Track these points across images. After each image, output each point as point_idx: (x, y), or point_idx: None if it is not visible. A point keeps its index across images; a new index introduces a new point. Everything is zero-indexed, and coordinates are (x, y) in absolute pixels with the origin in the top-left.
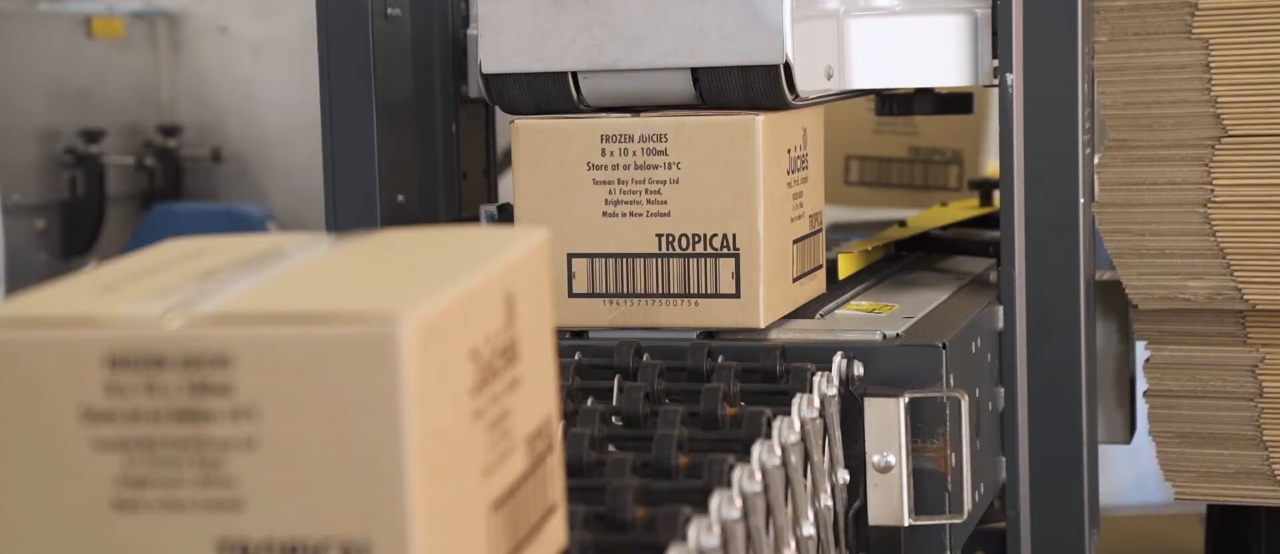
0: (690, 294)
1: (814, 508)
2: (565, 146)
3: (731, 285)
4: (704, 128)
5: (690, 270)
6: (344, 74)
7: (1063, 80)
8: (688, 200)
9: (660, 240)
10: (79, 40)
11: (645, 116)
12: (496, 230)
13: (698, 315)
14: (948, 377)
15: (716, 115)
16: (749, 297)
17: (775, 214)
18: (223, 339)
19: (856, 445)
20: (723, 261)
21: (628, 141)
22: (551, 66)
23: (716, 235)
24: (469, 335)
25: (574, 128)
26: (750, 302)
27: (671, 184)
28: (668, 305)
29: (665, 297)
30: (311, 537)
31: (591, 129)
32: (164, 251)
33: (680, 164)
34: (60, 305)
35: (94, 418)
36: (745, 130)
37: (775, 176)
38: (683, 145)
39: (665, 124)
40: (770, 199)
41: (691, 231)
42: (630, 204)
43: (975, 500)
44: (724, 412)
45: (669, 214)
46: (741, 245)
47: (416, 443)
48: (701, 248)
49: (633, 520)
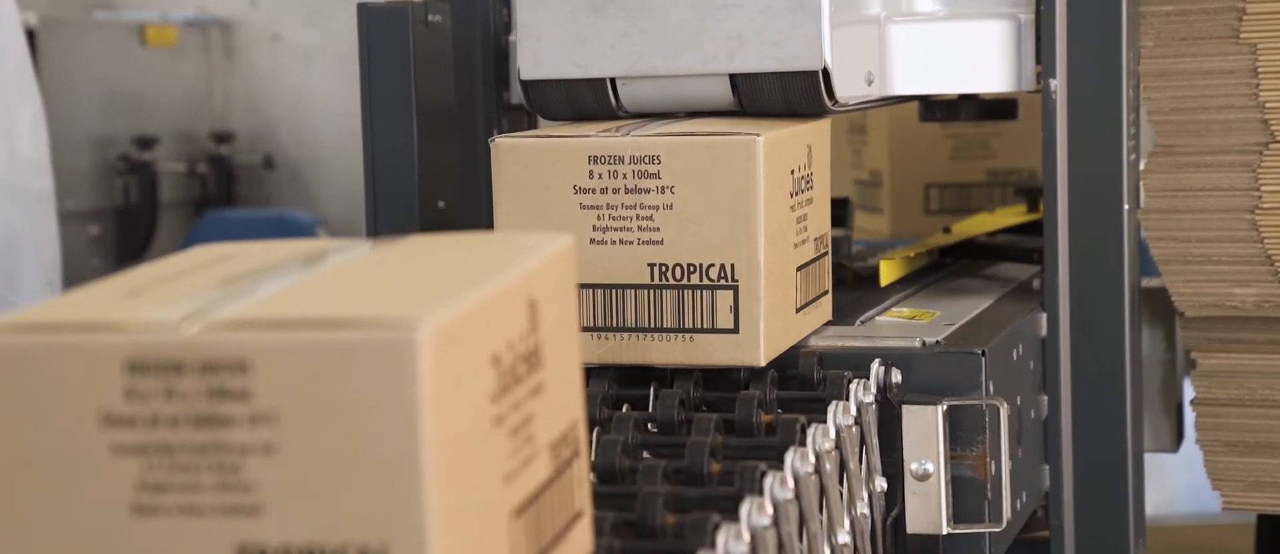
0: (685, 329)
1: (850, 516)
2: (550, 168)
3: (729, 320)
4: (700, 149)
5: (685, 303)
6: (384, 80)
7: (1107, 85)
8: (682, 227)
9: (652, 270)
10: (133, 48)
11: (635, 136)
12: (522, 236)
13: (692, 352)
14: (987, 384)
15: (713, 135)
16: (748, 332)
17: (777, 241)
18: (240, 344)
19: (894, 453)
20: (720, 294)
21: (618, 163)
22: (590, 73)
23: (713, 266)
24: (490, 341)
25: (560, 147)
26: (749, 338)
27: (665, 209)
28: (661, 340)
29: (658, 331)
30: (329, 542)
31: (578, 149)
32: (192, 257)
33: (674, 188)
34: (81, 310)
35: (113, 423)
36: (744, 152)
37: (777, 200)
38: (677, 168)
39: (658, 144)
40: (772, 225)
41: (686, 261)
42: (620, 231)
43: (1017, 509)
44: (759, 419)
45: (662, 242)
46: (740, 277)
47: (435, 448)
48: (697, 279)
49: (662, 527)
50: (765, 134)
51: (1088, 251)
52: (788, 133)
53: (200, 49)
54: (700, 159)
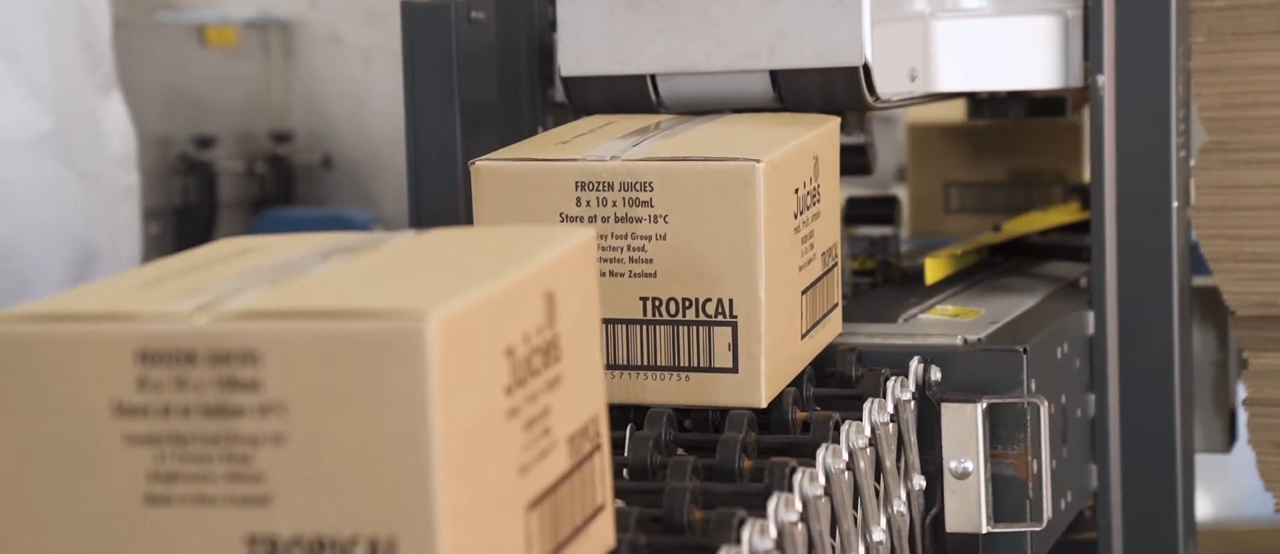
0: (680, 367)
1: (886, 514)
2: (535, 194)
3: (727, 358)
4: (695, 175)
5: (680, 340)
6: (427, 78)
7: (1156, 82)
8: (677, 259)
9: (645, 305)
10: (193, 49)
11: (627, 160)
12: (543, 229)
13: (688, 391)
14: (1028, 382)
15: (709, 161)
16: (748, 371)
17: (780, 270)
18: (250, 335)
19: (934, 451)
20: (717, 330)
21: (607, 189)
22: (630, 69)
23: (710, 300)
24: (504, 333)
25: (545, 172)
26: (749, 377)
27: (658, 240)
28: (655, 379)
29: (651, 369)
30: (339, 534)
31: (565, 174)
32: (215, 249)
33: (668, 217)
34: (96, 301)
35: (126, 413)
36: (743, 179)
37: (780, 226)
38: (670, 195)
39: (650, 170)
40: (774, 254)
41: (681, 296)
42: (611, 262)
43: (1061, 509)
44: (794, 416)
45: (655, 275)
46: (739, 312)
47: (444, 440)
48: (693, 314)
49: (690, 522)
50: (766, 158)
51: (1136, 249)
52: (792, 150)
53: (260, 49)
54: (695, 186)
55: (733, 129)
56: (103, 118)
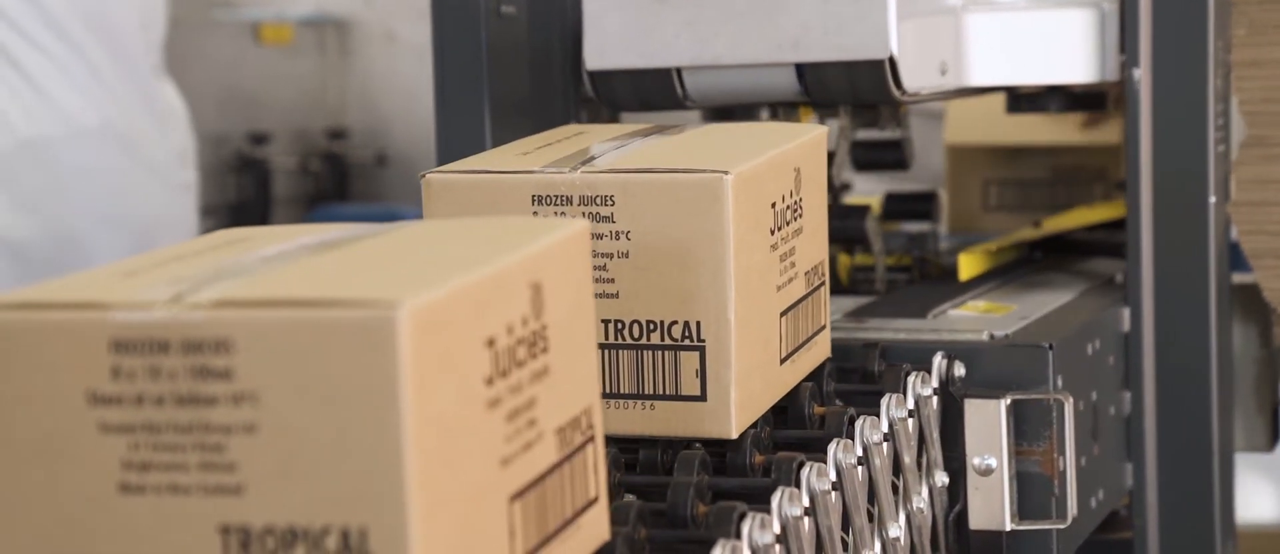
0: (644, 395)
1: (905, 510)
2: (489, 208)
3: (695, 385)
4: (659, 188)
5: (644, 366)
6: (456, 72)
7: (1193, 75)
8: (640, 278)
9: (607, 328)
10: (248, 47)
11: (587, 173)
12: (535, 221)
13: (652, 421)
14: (1055, 378)
15: (674, 173)
16: (717, 399)
17: (753, 290)
18: (222, 323)
19: (957, 448)
20: (684, 356)
21: (565, 203)
22: (655, 63)
23: (676, 323)
24: (484, 323)
25: (500, 185)
26: (719, 406)
27: (620, 258)
28: (617, 408)
29: (614, 397)
30: (312, 524)
31: (521, 187)
32: (206, 240)
33: (630, 234)
34: (73, 290)
35: (101, 401)
36: (710, 192)
37: (753, 243)
38: (633, 210)
39: (611, 183)
40: (746, 273)
41: (645, 318)
42: None
43: (1092, 507)
44: (812, 411)
45: (617, 295)
46: (707, 336)
47: (416, 430)
48: (657, 338)
49: (694, 516)
50: (736, 170)
51: (1172, 245)
52: (767, 161)
53: (315, 47)
54: (659, 200)
55: (708, 139)
56: (161, 110)
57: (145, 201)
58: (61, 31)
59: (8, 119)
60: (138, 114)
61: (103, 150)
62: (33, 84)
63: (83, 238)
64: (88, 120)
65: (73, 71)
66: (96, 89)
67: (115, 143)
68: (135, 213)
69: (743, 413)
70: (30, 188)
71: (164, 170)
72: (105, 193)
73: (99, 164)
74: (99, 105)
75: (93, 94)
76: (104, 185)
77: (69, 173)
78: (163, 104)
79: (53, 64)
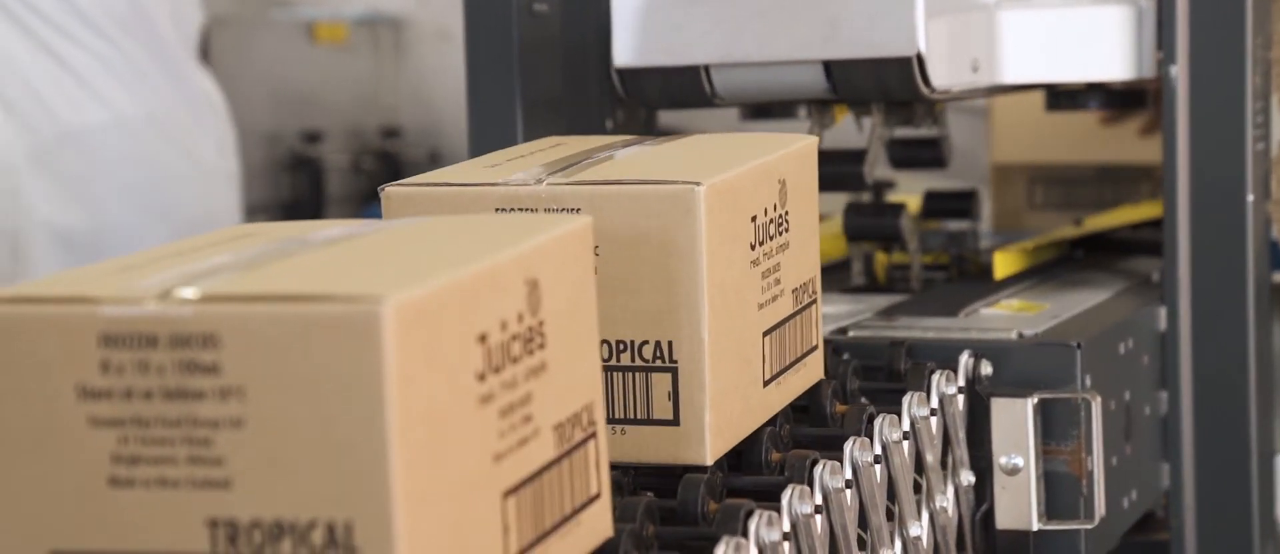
0: (613, 419)
1: (928, 510)
2: None
3: (667, 409)
4: (627, 201)
5: (613, 388)
6: (488, 70)
7: (1231, 72)
8: (609, 296)
9: None
10: (302, 46)
11: (553, 185)
12: (536, 218)
13: (623, 447)
14: (1083, 377)
15: (643, 185)
16: (691, 423)
17: (730, 308)
18: (208, 317)
19: (984, 447)
20: (656, 377)
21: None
22: (683, 60)
23: (646, 343)
24: (475, 319)
25: (461, 197)
26: (693, 430)
27: None
28: None
29: None
30: (298, 518)
31: (483, 200)
32: (213, 235)
33: (598, 248)
34: (65, 285)
35: (90, 395)
36: (681, 204)
37: (730, 258)
38: (600, 224)
39: (577, 195)
40: (723, 290)
41: (614, 337)
42: None
43: (1124, 507)
44: (834, 409)
45: None
46: (680, 356)
47: (401, 425)
48: (627, 359)
49: (705, 514)
50: (709, 181)
51: (1209, 244)
52: (746, 171)
53: (369, 46)
54: (627, 213)
55: (687, 150)
56: (198, 102)
57: (186, 191)
58: (98, 25)
59: (51, 110)
60: (175, 105)
61: (143, 141)
62: (74, 75)
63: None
64: (128, 111)
65: (112, 64)
66: (135, 81)
67: (155, 133)
68: (176, 202)
69: (719, 438)
70: (74, 178)
71: (204, 160)
72: (147, 183)
73: (140, 154)
74: (138, 96)
75: (132, 85)
76: (145, 175)
77: (111, 163)
78: (200, 95)
79: (92, 56)
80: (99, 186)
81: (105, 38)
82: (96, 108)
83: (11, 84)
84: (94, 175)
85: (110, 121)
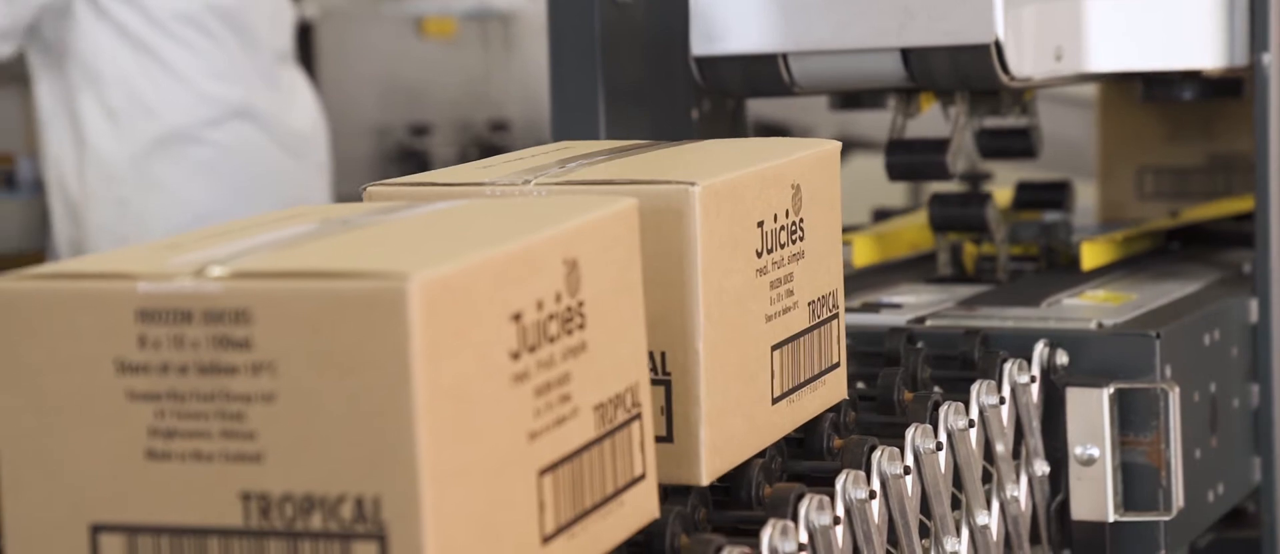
0: None
1: (998, 499)
2: None
3: (660, 424)
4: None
5: None
6: (571, 62)
7: None
8: None
9: None
10: (410, 40)
11: (541, 184)
12: (581, 199)
13: None
14: (1162, 368)
15: (637, 184)
16: (685, 441)
17: (731, 318)
18: (241, 293)
19: (1059, 437)
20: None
21: None
22: (761, 48)
23: None
24: (509, 298)
25: (444, 197)
26: (687, 448)
27: None
28: None
29: None
30: (329, 492)
31: (467, 199)
32: (268, 216)
33: None
34: (109, 262)
35: (129, 369)
36: (674, 206)
37: (731, 265)
38: None
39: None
40: (721, 299)
41: None
42: None
43: (1209, 500)
44: (902, 396)
45: None
46: (673, 368)
47: (428, 400)
48: None
49: (760, 498)
50: (706, 182)
51: None
52: (752, 174)
53: (477, 40)
54: None
55: (695, 153)
56: (290, 94)
57: (281, 180)
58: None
59: (154, 112)
60: (269, 98)
61: (240, 133)
62: (173, 75)
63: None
64: (225, 105)
65: (211, 58)
66: (231, 75)
67: (252, 128)
68: (273, 192)
69: (717, 457)
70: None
71: (297, 150)
72: (245, 174)
73: (237, 146)
74: (235, 91)
75: (228, 80)
76: (243, 166)
77: (210, 161)
78: (292, 88)
79: (192, 53)
80: (197, 185)
81: (205, 32)
82: (194, 105)
83: (115, 92)
84: (193, 174)
85: (208, 118)
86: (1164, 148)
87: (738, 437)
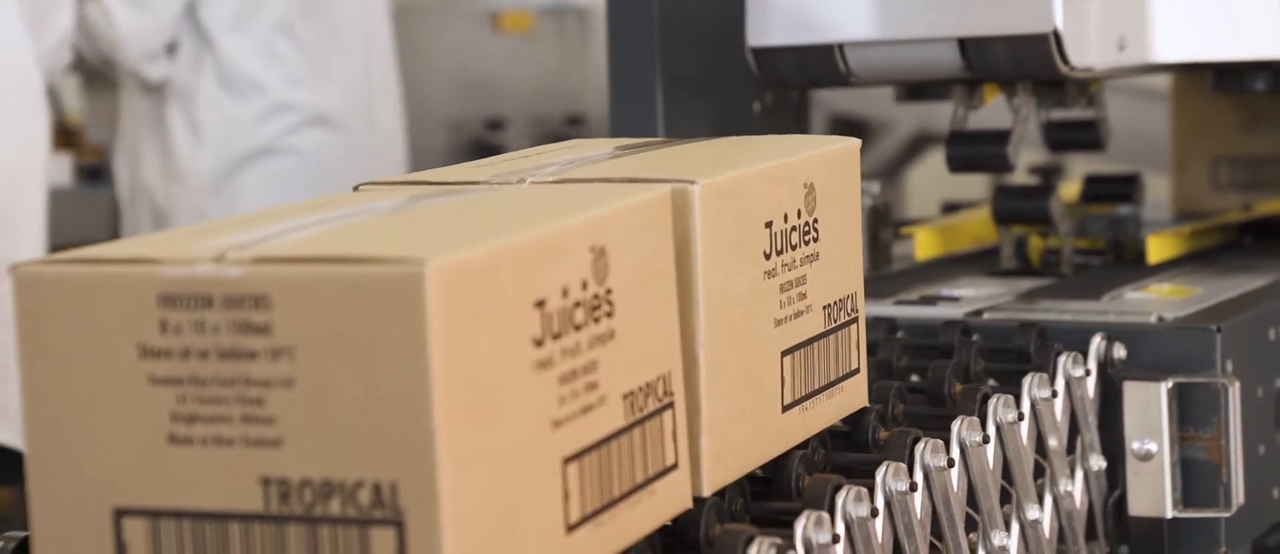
0: None
1: (1052, 494)
2: None
3: None
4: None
5: None
6: (629, 51)
7: None
8: None
9: None
10: (486, 35)
11: (536, 184)
12: (612, 187)
13: None
14: (1223, 362)
15: (629, 182)
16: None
17: (736, 323)
18: (261, 278)
19: (1117, 432)
20: None
21: None
22: (817, 39)
23: None
24: (532, 284)
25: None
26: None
27: None
28: None
29: None
30: (347, 478)
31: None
32: (298, 204)
33: None
34: (134, 248)
35: (150, 354)
36: (672, 206)
37: (736, 267)
38: None
39: None
40: (724, 302)
41: None
42: None
43: (1276, 497)
44: (953, 389)
45: None
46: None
47: (445, 387)
48: None
49: (799, 489)
50: (706, 180)
51: None
52: (759, 172)
53: (553, 35)
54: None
55: (703, 150)
56: (376, 98)
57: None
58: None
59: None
60: (351, 100)
61: (318, 139)
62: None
63: None
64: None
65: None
66: (312, 81)
67: (330, 132)
68: None
69: (719, 467)
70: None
71: (376, 152)
72: (322, 180)
73: (315, 151)
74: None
75: (309, 86)
76: (320, 171)
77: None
78: (379, 89)
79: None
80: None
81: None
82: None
83: (204, 110)
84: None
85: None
86: (1239, 138)
87: (744, 447)
